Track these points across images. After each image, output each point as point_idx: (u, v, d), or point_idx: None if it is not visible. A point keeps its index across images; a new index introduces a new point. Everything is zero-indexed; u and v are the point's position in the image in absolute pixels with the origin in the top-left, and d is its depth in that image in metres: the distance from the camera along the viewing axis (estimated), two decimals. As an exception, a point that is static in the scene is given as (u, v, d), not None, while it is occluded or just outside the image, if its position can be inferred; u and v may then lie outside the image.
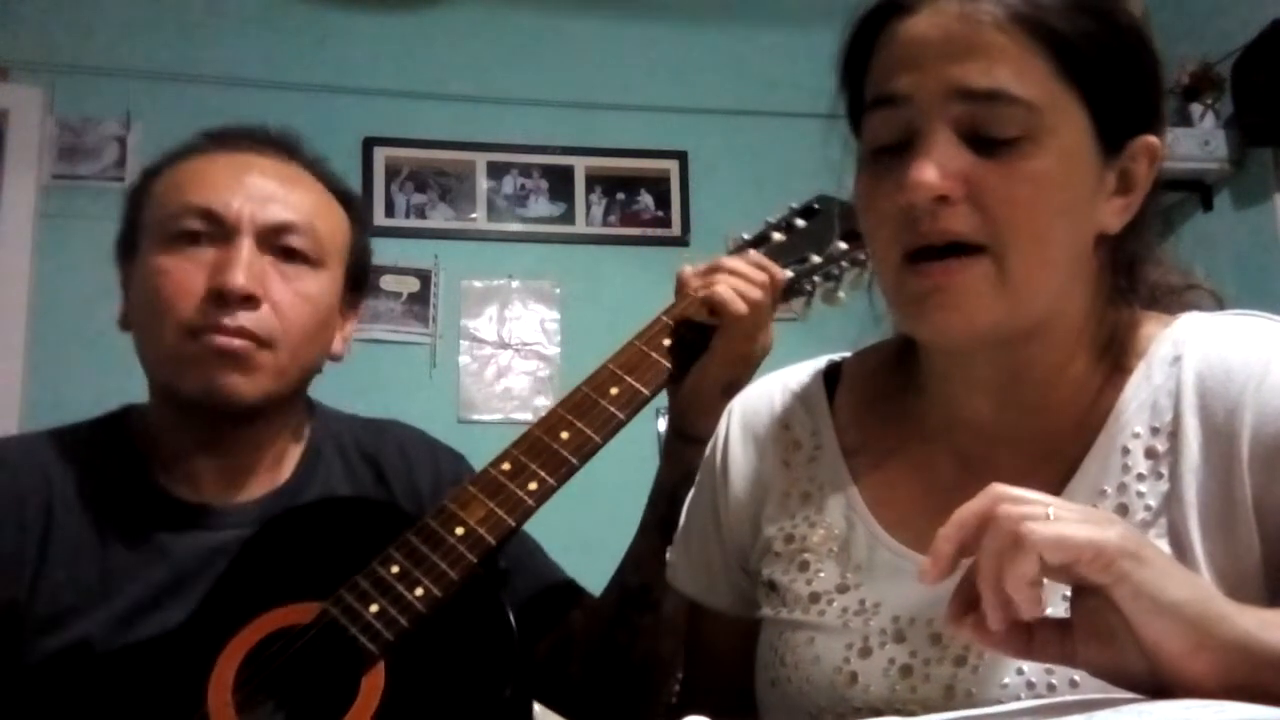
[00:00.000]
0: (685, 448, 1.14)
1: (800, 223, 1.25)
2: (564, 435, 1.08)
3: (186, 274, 1.12)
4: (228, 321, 1.11)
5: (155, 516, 1.14)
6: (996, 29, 0.80)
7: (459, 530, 1.03)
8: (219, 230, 1.13)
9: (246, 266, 1.12)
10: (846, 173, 0.90)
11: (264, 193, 1.16)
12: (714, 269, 1.16)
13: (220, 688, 0.99)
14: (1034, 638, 0.68)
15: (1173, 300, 0.91)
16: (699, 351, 1.14)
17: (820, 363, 1.01)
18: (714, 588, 1.01)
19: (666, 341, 1.15)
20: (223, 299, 1.11)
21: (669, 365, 1.14)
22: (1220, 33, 3.02)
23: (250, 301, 1.12)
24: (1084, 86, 0.81)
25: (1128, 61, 0.83)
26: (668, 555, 1.05)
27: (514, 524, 1.04)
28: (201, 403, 1.13)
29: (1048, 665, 0.78)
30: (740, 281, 1.13)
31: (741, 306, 1.11)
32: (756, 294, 1.13)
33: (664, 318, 1.16)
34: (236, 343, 1.11)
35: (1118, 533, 0.66)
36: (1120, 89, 0.82)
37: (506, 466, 1.07)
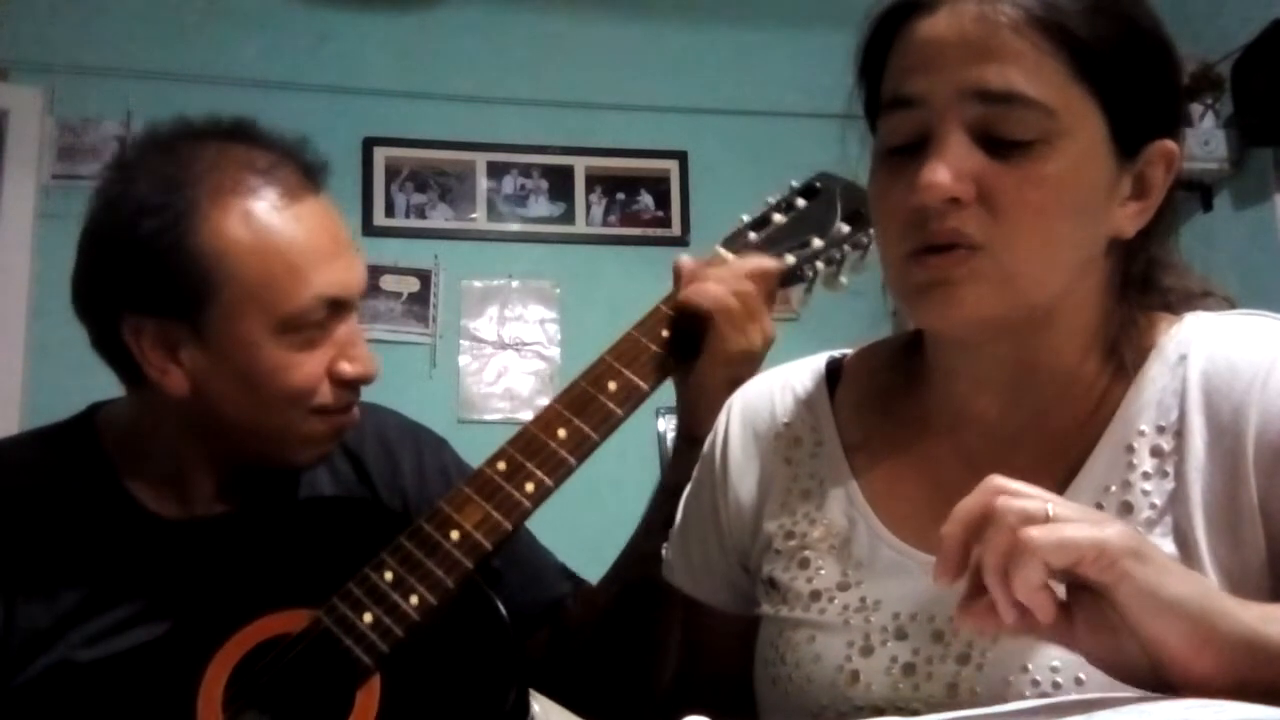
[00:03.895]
0: (692, 449, 1.09)
1: (801, 203, 1.21)
2: (561, 433, 1.05)
3: (316, 364, 1.10)
4: (352, 399, 1.14)
5: (130, 526, 1.12)
6: (1013, 31, 0.79)
7: (454, 535, 1.01)
8: (339, 312, 1.12)
9: (367, 348, 1.14)
10: (861, 169, 0.89)
11: (350, 250, 1.14)
12: (701, 276, 1.13)
13: (210, 701, 0.97)
14: (1035, 618, 0.68)
15: (1187, 306, 0.90)
16: (699, 342, 1.11)
17: (821, 359, 1.01)
18: (712, 585, 1.00)
19: (665, 332, 1.11)
20: (350, 383, 1.12)
21: (669, 358, 1.10)
22: (1220, 33, 3.02)
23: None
24: (1101, 90, 0.80)
25: (1146, 66, 0.83)
26: (664, 552, 1.05)
27: (511, 527, 1.02)
28: (291, 464, 1.15)
29: (1053, 663, 0.78)
30: (725, 279, 1.11)
31: (731, 302, 1.09)
32: (725, 287, 1.10)
33: (663, 307, 1.13)
34: (352, 416, 1.15)
35: (1117, 531, 0.66)
36: (1138, 93, 0.82)
37: (502, 466, 1.04)
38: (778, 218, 1.20)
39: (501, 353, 3.39)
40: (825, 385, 0.98)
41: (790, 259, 1.17)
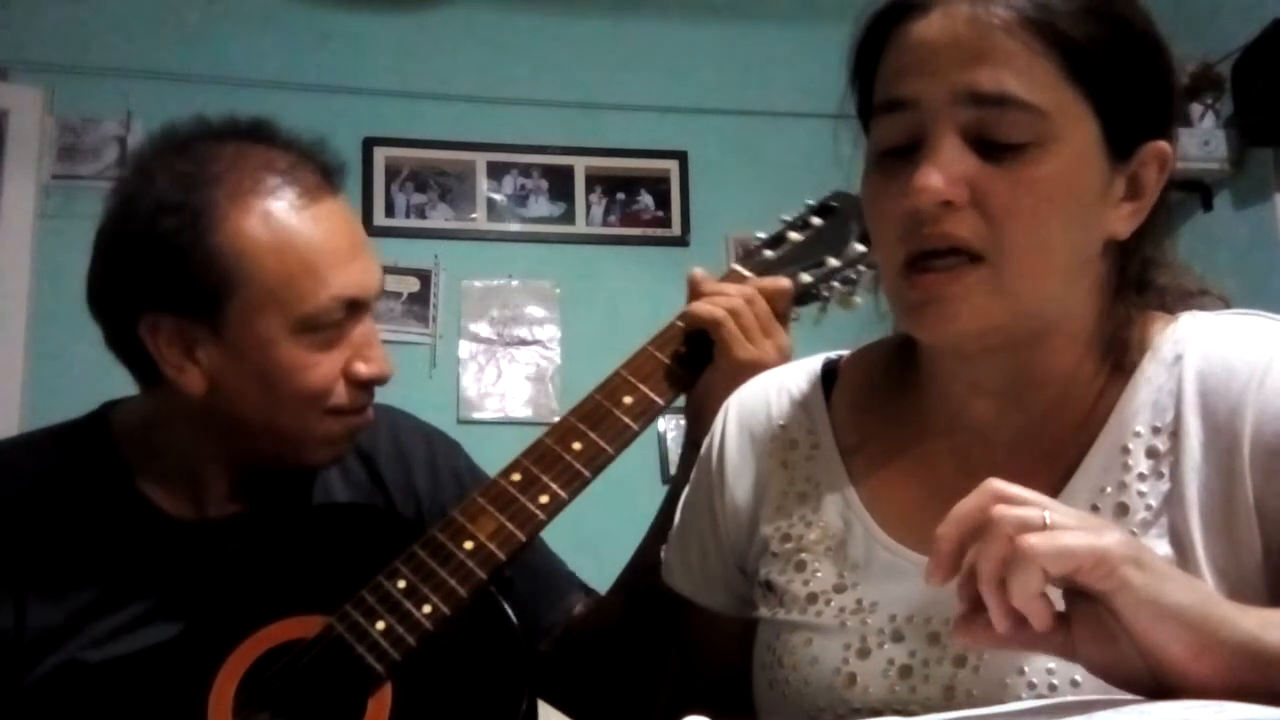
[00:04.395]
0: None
1: (817, 221, 1.22)
2: (576, 446, 1.06)
3: (333, 364, 1.10)
4: (367, 400, 1.14)
5: (143, 527, 1.12)
6: (1006, 33, 0.79)
7: (468, 545, 1.01)
8: (356, 312, 1.12)
9: (382, 349, 1.14)
10: (856, 169, 0.89)
11: (368, 252, 1.14)
12: (717, 291, 1.14)
13: (221, 706, 0.97)
14: (1032, 630, 0.68)
15: (1183, 305, 0.90)
16: (711, 356, 1.12)
17: (817, 361, 1.01)
18: (710, 588, 1.00)
19: (681, 348, 1.12)
20: (365, 383, 1.13)
21: (683, 372, 1.11)
22: (1220, 33, 3.02)
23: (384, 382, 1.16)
24: (1094, 92, 0.80)
25: (1139, 67, 0.83)
26: (662, 554, 1.05)
27: (524, 539, 1.02)
28: (306, 464, 1.15)
29: (1049, 665, 0.78)
30: (722, 296, 1.13)
31: (729, 316, 1.10)
32: (733, 301, 1.11)
33: (678, 322, 1.14)
34: (366, 417, 1.16)
35: (1116, 539, 0.66)
36: (1131, 95, 0.82)
37: (517, 478, 1.05)
38: (793, 236, 1.21)
39: (502, 352, 3.39)
40: (821, 387, 0.98)
41: (805, 278, 1.17)
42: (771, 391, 1.00)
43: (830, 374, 0.99)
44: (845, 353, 1.01)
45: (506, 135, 3.49)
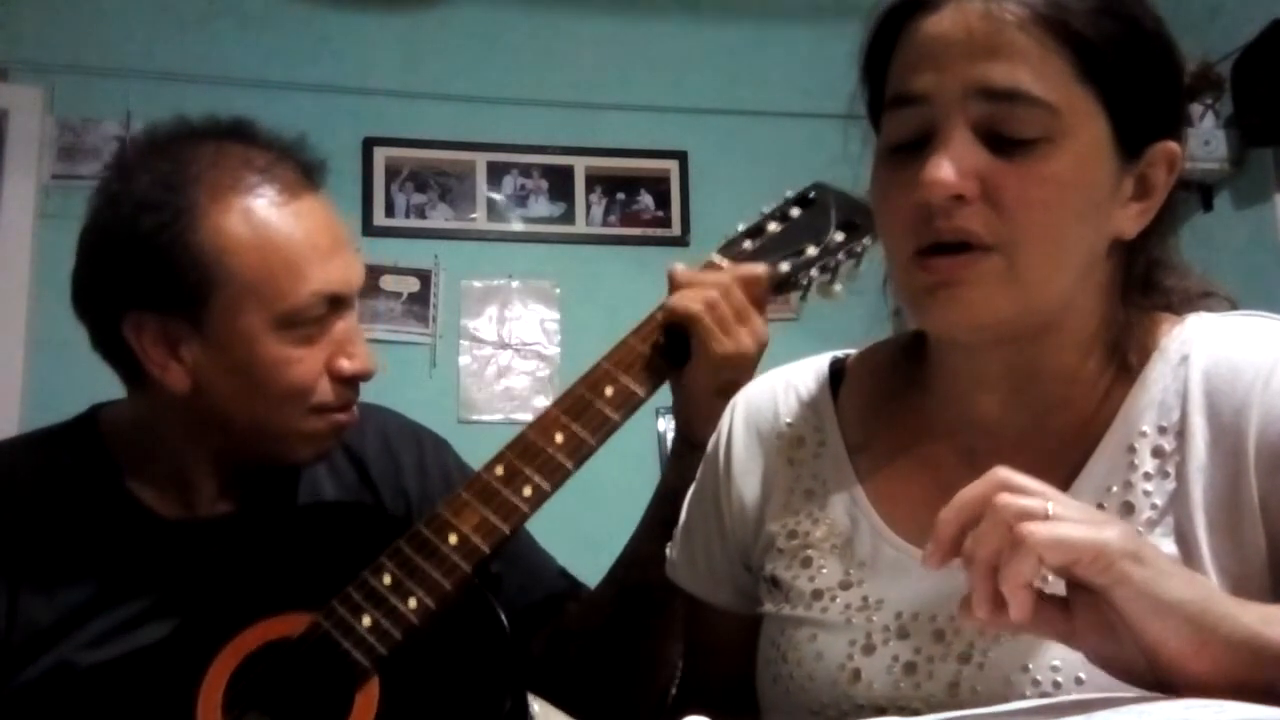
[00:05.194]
0: (691, 453, 1.11)
1: (796, 212, 1.22)
2: (558, 438, 1.06)
3: (315, 360, 1.11)
4: (351, 397, 1.14)
5: (132, 529, 1.13)
6: (1019, 29, 0.79)
7: (452, 538, 1.02)
8: (337, 309, 1.13)
9: (366, 345, 1.14)
10: (860, 169, 0.89)
11: (348, 247, 1.14)
12: (695, 283, 1.14)
13: (210, 705, 0.98)
14: (1037, 613, 0.67)
15: (1189, 306, 0.91)
16: (690, 348, 1.12)
17: (824, 359, 1.01)
18: (715, 584, 1.00)
19: (659, 339, 1.13)
20: (349, 380, 1.13)
21: (663, 363, 1.12)
22: (1220, 33, 3.02)
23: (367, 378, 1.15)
24: (1105, 90, 0.81)
25: (1150, 66, 0.83)
26: (667, 552, 1.05)
27: (508, 531, 1.03)
28: (292, 462, 1.15)
29: (1054, 662, 0.78)
30: (699, 289, 1.12)
31: (706, 309, 1.10)
32: (710, 294, 1.11)
33: (659, 315, 1.14)
34: (352, 414, 1.15)
35: (1117, 533, 0.66)
36: (1141, 94, 0.82)
37: (500, 471, 1.05)
38: (773, 226, 1.21)
39: (501, 353, 3.39)
40: (828, 386, 0.98)
41: (785, 267, 1.17)
42: (779, 390, 1.00)
43: (838, 373, 0.99)
44: (852, 351, 1.01)
45: (506, 135, 3.49)
